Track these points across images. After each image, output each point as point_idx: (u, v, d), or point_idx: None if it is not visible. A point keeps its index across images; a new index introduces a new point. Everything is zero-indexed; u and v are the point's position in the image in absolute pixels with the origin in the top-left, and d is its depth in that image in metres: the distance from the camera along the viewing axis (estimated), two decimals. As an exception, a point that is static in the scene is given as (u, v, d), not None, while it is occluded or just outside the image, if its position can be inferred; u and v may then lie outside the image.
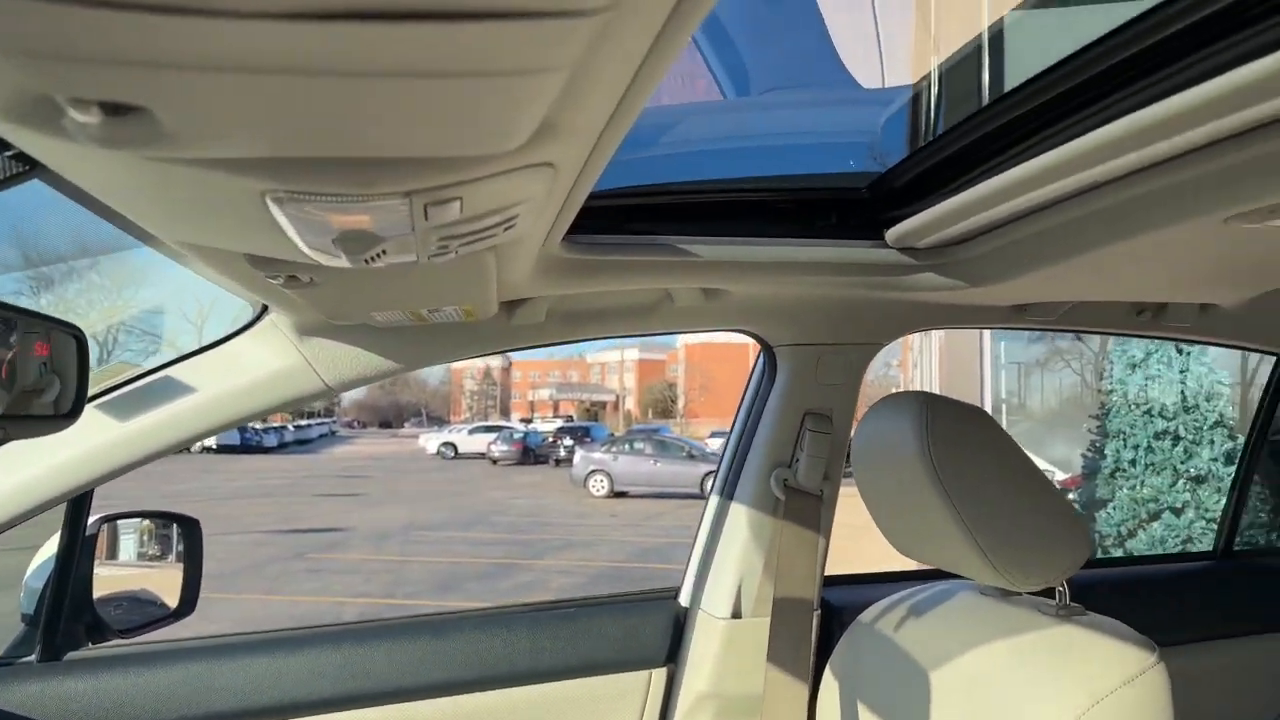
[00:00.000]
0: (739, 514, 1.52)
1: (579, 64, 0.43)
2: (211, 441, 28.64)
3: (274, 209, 0.57)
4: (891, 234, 1.11)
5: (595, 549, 11.56)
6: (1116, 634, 0.98)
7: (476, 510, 15.41)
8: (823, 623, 1.52)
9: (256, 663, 1.41)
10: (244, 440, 29.87)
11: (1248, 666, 1.80)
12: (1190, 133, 0.70)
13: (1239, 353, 6.80)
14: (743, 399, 1.60)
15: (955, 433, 1.05)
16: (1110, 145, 0.75)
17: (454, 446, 29.37)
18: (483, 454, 26.83)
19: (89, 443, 1.17)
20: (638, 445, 18.94)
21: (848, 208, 1.16)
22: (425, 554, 11.12)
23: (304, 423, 38.30)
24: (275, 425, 35.10)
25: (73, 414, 0.79)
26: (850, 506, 1.46)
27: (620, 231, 1.09)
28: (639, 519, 14.50)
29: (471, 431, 30.93)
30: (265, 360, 1.20)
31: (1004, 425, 1.10)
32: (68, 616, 1.38)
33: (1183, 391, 6.76)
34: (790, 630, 1.32)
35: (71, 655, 1.37)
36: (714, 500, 1.59)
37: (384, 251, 0.70)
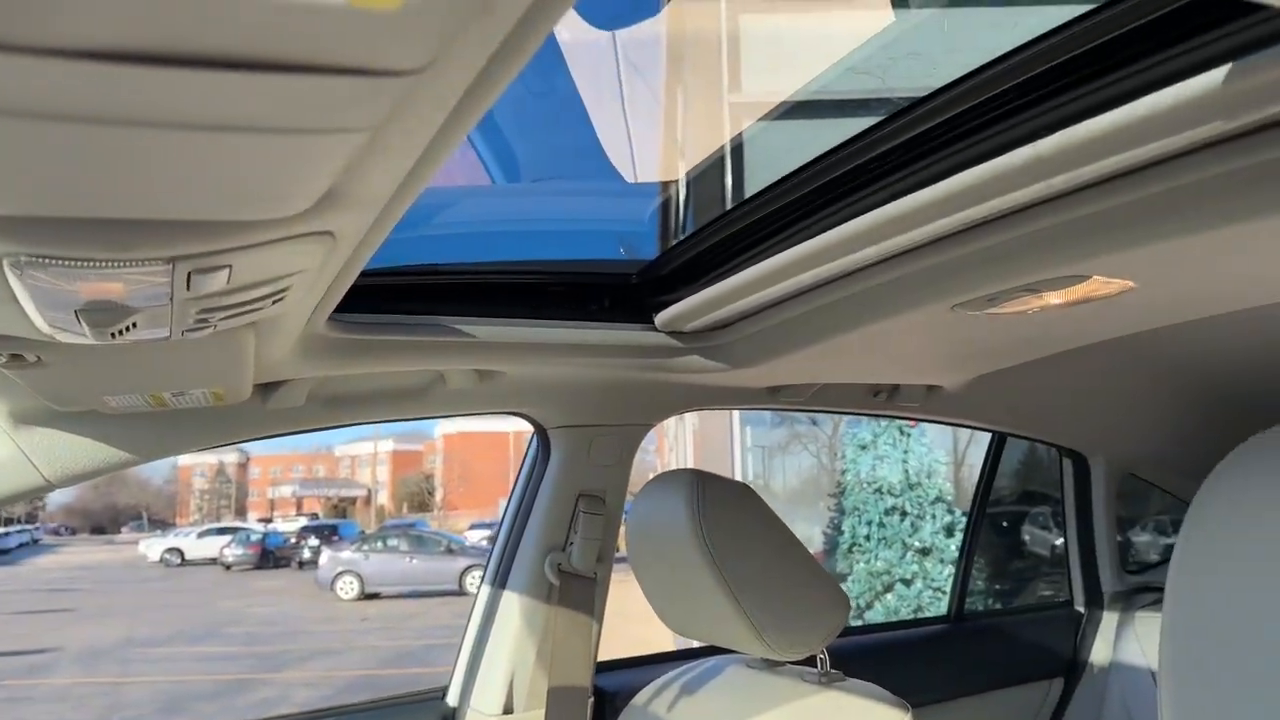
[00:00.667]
0: (511, 602, 1.48)
1: (380, 126, 0.42)
2: (-125, 558, 24.40)
3: (10, 276, 0.50)
4: (660, 318, 1.16)
5: (345, 656, 10.82)
6: (874, 696, 1.04)
7: (207, 622, 14.03)
8: (596, 709, 1.50)
9: None
10: (-80, 555, 25.65)
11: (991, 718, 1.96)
12: (916, 231, 0.78)
13: (952, 433, 7.60)
14: (514, 485, 1.58)
15: (724, 507, 1.08)
16: (846, 242, 0.83)
17: (180, 552, 26.70)
18: (215, 559, 24.60)
19: None
20: (392, 542, 18.12)
21: (620, 293, 1.19)
22: (147, 673, 9.94)
23: (0, 530, 33.54)
24: (-39, 536, 30.45)
25: None
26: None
27: (392, 311, 1.05)
28: (394, 620, 13.77)
29: (201, 535, 28.31)
30: None
31: None
32: None
33: (906, 470, 7.44)
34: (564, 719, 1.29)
35: None
36: (485, 590, 1.55)
37: (133, 325, 0.64)
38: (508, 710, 1.44)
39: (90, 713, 8.13)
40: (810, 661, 1.13)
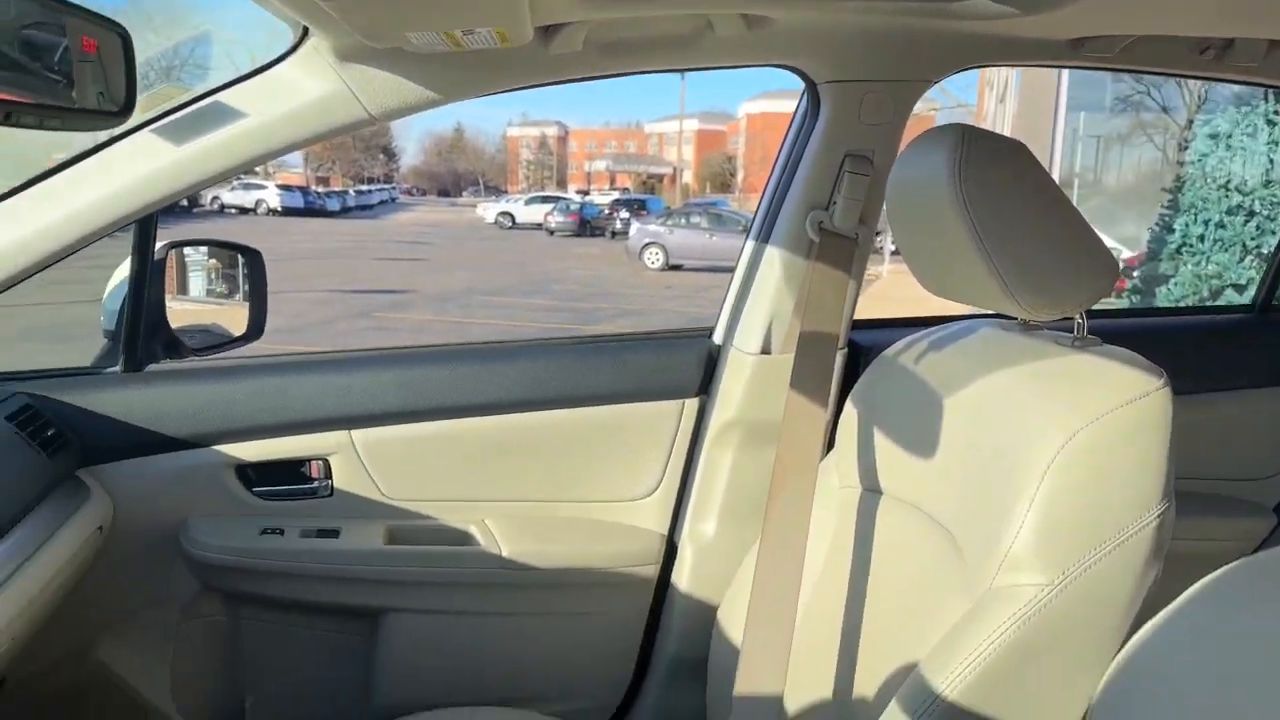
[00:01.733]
0: (773, 255, 1.55)
1: None
2: (276, 204, 29.13)
3: None
4: None
5: (649, 317, 11.81)
6: (1127, 361, 1.02)
7: (535, 279, 15.68)
8: (848, 360, 1.58)
9: (325, 378, 1.53)
10: (308, 203, 30.29)
11: (1268, 418, 1.84)
12: None
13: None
14: (784, 141, 1.58)
15: (988, 163, 1.04)
16: None
17: (511, 216, 29.47)
18: (539, 225, 26.92)
19: (148, 167, 1.22)
20: (694, 219, 18.81)
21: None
22: (486, 317, 11.48)
23: (365, 188, 38.51)
24: (337, 190, 35.37)
25: (124, 111, 0.83)
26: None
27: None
28: (692, 291, 14.66)
29: (528, 202, 30.90)
30: (309, 87, 1.22)
31: (1074, 201, 1.09)
32: (144, 334, 1.49)
33: (1270, 162, 6.43)
34: (814, 364, 1.38)
35: (152, 368, 1.50)
36: (750, 243, 1.62)
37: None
38: (765, 350, 1.55)
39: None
40: (1069, 328, 1.11)
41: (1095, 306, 1.08)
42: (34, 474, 1.28)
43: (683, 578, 1.59)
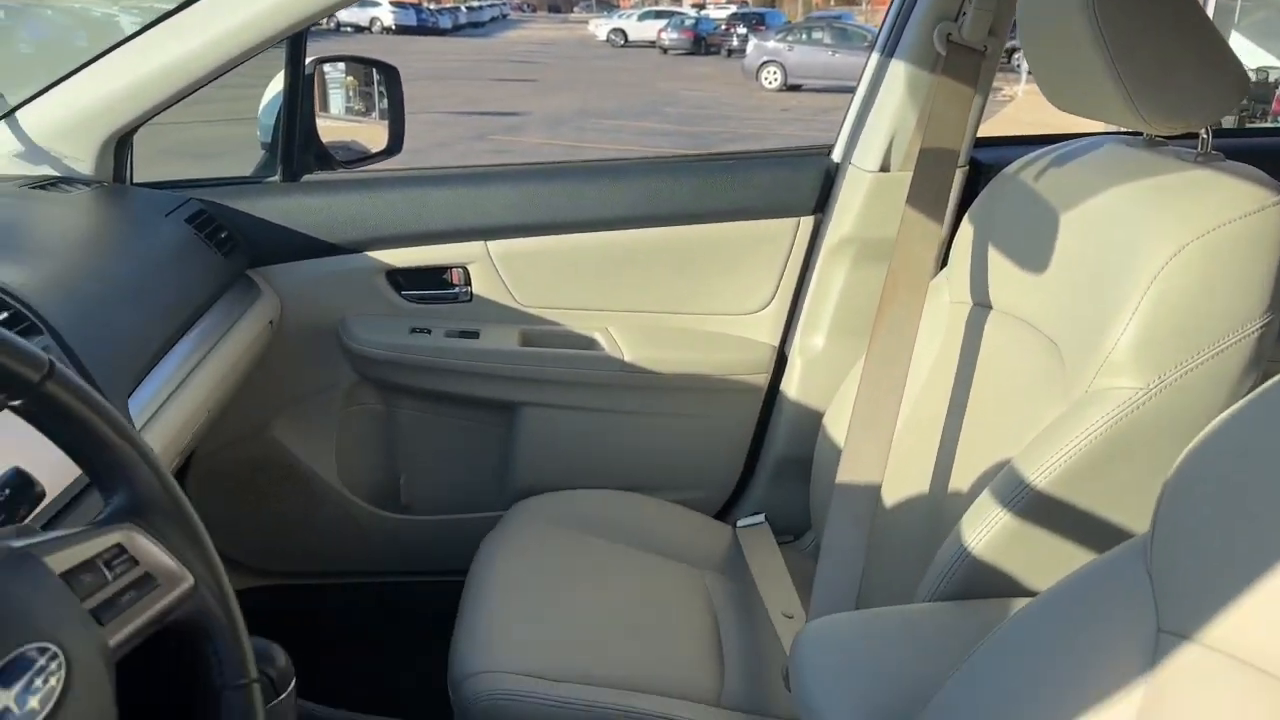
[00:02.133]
0: (897, 69, 1.55)
1: None
2: (390, 22, 28.94)
3: None
4: None
5: (764, 142, 11.52)
6: (1245, 176, 1.02)
7: (647, 100, 15.37)
8: (969, 177, 1.59)
9: (462, 192, 1.64)
10: (420, 21, 29.98)
11: None
12: None
13: None
14: (914, -51, 1.54)
15: None
16: None
17: (623, 33, 28.55)
18: (652, 42, 26.06)
19: None
20: (816, 35, 17.88)
21: None
22: (598, 141, 11.41)
23: (476, 4, 37.73)
24: (448, 6, 34.79)
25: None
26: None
27: None
28: (812, 114, 14.15)
29: (641, 17, 29.78)
30: None
31: (1236, 14, 1.05)
32: (299, 145, 1.62)
33: None
34: (932, 181, 1.40)
35: (306, 178, 1.63)
36: (874, 57, 1.61)
37: None
38: (883, 168, 1.57)
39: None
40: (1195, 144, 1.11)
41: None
42: (213, 272, 1.44)
43: (791, 386, 1.69)
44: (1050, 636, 0.75)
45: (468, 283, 1.67)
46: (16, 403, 0.58)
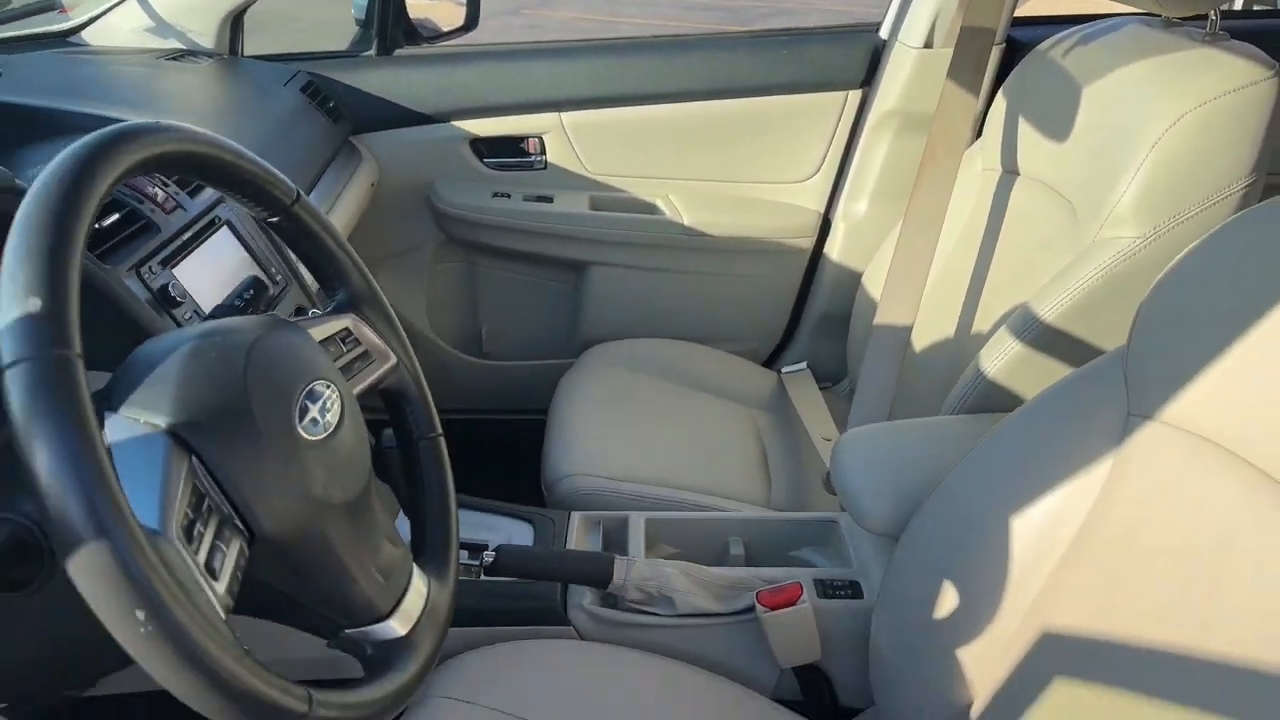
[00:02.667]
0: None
1: None
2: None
3: None
4: None
5: (805, 17, 11.26)
6: (1246, 54, 1.16)
7: (684, -28, 14.93)
8: (1005, 54, 1.72)
9: (540, 65, 1.79)
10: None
11: None
12: None
13: None
14: None
15: None
16: None
17: (660, -100, 27.44)
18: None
19: None
20: (861, -99, 17.14)
21: None
22: (634, 15, 11.22)
23: None
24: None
25: None
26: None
27: None
28: (854, -13, 13.72)
29: (679, -117, 28.50)
30: None
31: None
32: (391, 20, 1.77)
33: None
34: (971, 57, 1.53)
35: (398, 52, 1.80)
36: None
37: None
38: (927, 44, 1.71)
39: (595, 40, 9.55)
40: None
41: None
42: (326, 136, 1.63)
43: (834, 248, 1.87)
44: (1040, 427, 0.95)
45: (543, 151, 1.85)
46: (274, 219, 0.78)
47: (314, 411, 0.68)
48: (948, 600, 0.92)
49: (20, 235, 0.52)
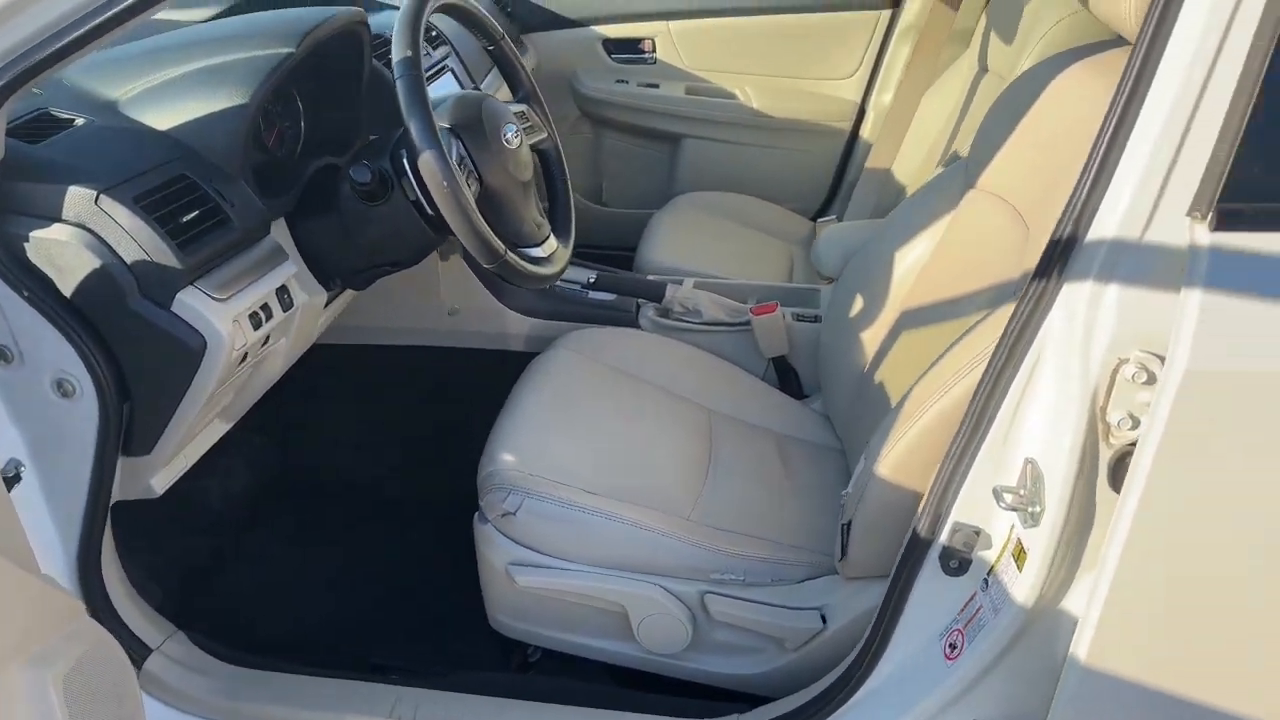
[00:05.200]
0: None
1: None
2: None
3: None
4: None
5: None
6: None
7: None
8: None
9: None
10: None
11: None
12: None
13: None
14: None
15: None
16: None
17: None
18: None
19: None
20: None
21: None
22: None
23: None
24: None
25: None
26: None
27: None
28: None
29: None
30: None
31: None
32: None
33: None
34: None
35: (556, -24, 2.52)
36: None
37: None
38: (937, -24, 2.31)
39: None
40: None
41: None
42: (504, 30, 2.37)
43: (866, 130, 2.50)
44: (917, 206, 1.59)
45: (654, 50, 2.55)
46: (490, 47, 1.52)
47: (509, 135, 1.40)
48: (856, 310, 1.55)
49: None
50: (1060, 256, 0.94)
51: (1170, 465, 0.89)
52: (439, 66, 1.85)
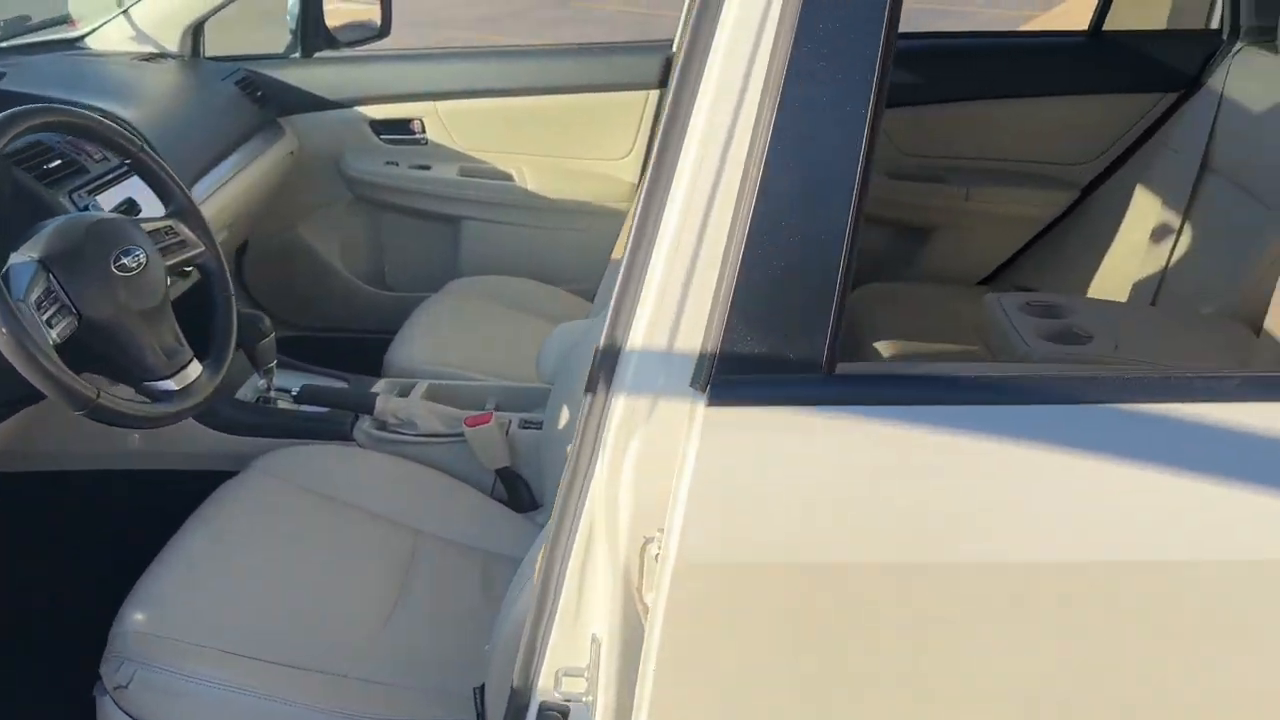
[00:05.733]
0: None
1: None
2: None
3: None
4: None
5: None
6: None
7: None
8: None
9: (419, 66, 2.46)
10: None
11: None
12: None
13: None
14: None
15: None
16: None
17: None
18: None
19: None
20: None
21: None
22: (670, 10, 11.72)
23: None
24: None
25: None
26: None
27: None
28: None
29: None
30: None
31: None
32: (311, 31, 2.39)
33: None
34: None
35: (318, 54, 2.41)
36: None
37: None
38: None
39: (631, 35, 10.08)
40: None
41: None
42: (252, 116, 2.26)
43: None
44: None
45: (424, 131, 2.45)
46: (127, 161, 1.40)
47: (126, 260, 1.28)
48: (565, 418, 1.46)
49: None
50: (595, 416, 0.86)
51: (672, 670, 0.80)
52: (117, 171, 1.71)
